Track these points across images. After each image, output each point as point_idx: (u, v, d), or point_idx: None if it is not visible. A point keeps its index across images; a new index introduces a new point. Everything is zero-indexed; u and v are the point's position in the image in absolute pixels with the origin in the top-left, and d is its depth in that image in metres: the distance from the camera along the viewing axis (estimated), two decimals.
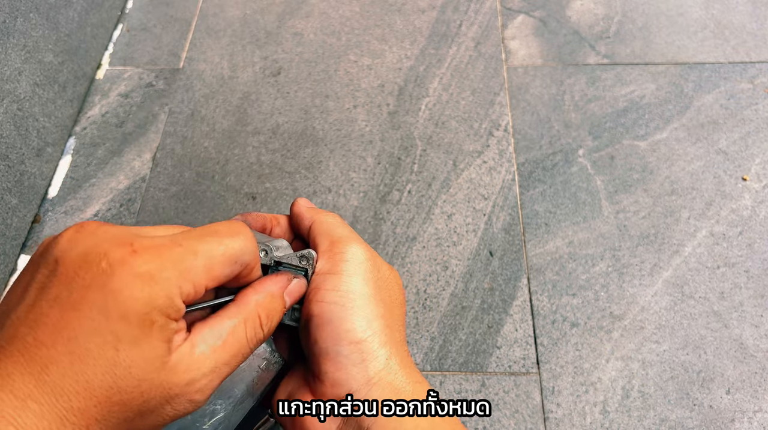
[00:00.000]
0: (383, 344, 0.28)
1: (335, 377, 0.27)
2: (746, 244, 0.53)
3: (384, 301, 0.29)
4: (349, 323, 0.27)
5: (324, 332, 0.27)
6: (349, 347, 0.27)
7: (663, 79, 0.64)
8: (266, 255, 0.30)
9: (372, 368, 0.27)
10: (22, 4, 0.54)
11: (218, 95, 0.65)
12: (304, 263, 0.30)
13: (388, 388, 0.27)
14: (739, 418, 0.45)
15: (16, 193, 0.53)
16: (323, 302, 0.27)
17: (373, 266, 0.30)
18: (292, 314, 0.31)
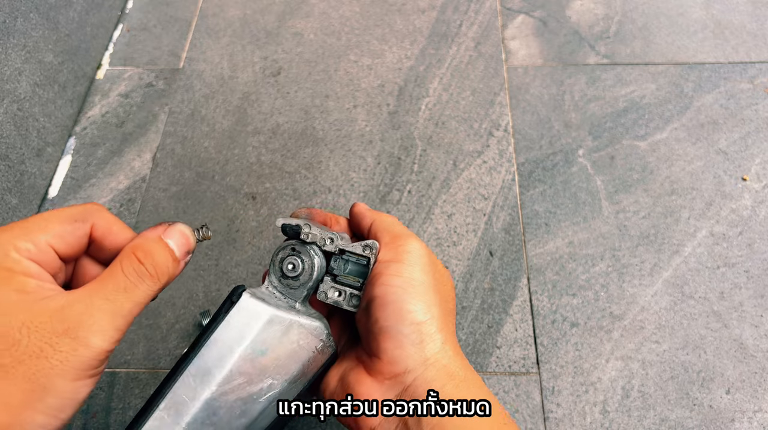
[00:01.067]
0: (440, 330, 0.29)
1: (394, 354, 0.28)
2: (746, 244, 0.53)
3: (440, 293, 0.31)
4: (410, 304, 0.29)
5: (386, 312, 0.28)
6: (409, 327, 0.28)
7: (663, 79, 0.64)
8: (332, 243, 0.33)
9: (429, 350, 0.28)
10: (22, 4, 0.54)
11: (218, 95, 0.65)
12: (367, 252, 0.33)
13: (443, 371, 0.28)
14: (739, 418, 0.45)
15: (16, 193, 0.53)
16: (387, 285, 0.29)
17: (430, 261, 0.32)
18: (350, 301, 0.33)
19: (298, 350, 0.31)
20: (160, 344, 0.49)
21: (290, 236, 0.33)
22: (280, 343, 0.30)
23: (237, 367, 0.29)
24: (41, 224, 0.25)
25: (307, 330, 0.31)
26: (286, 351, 0.30)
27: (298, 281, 0.32)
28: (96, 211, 0.27)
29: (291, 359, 0.30)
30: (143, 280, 0.26)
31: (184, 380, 0.29)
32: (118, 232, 0.27)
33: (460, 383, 0.28)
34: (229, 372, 0.29)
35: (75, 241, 0.26)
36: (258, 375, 0.29)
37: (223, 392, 0.29)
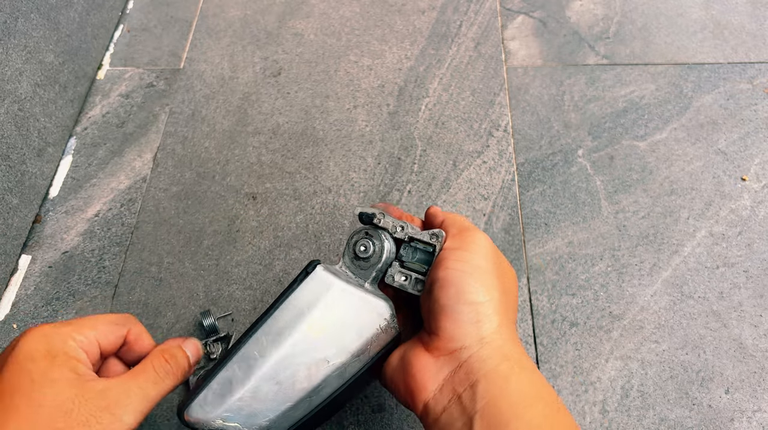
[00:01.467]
0: (497, 313, 0.31)
1: (452, 331, 0.30)
2: (745, 244, 0.53)
3: (501, 282, 0.32)
4: (469, 286, 0.30)
5: (446, 292, 0.30)
6: (467, 307, 0.30)
7: (662, 79, 0.64)
8: (402, 230, 0.36)
9: (485, 329, 0.30)
10: (23, 5, 0.55)
11: (219, 96, 0.65)
12: (433, 240, 0.35)
13: (498, 351, 0.29)
14: (738, 417, 0.45)
15: (17, 193, 0.53)
16: (449, 269, 0.31)
17: (494, 253, 0.34)
18: (415, 285, 0.35)
19: (362, 325, 0.33)
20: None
21: (365, 223, 0.36)
22: (346, 315, 0.32)
23: (305, 332, 0.32)
24: (92, 323, 0.31)
25: (373, 307, 0.33)
26: (351, 324, 0.32)
27: (368, 263, 0.35)
28: (132, 321, 0.34)
29: (355, 332, 0.32)
30: (168, 376, 0.32)
31: (257, 338, 0.32)
32: (145, 339, 0.34)
33: (515, 365, 0.29)
34: (297, 335, 0.32)
35: (114, 340, 0.32)
36: (323, 343, 0.32)
37: (290, 353, 0.31)
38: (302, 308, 0.32)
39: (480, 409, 0.27)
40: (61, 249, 0.55)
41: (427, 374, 0.30)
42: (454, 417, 0.28)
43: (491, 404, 0.27)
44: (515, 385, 0.28)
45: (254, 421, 0.31)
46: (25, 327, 0.51)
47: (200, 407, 0.32)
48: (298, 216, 0.56)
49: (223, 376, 0.32)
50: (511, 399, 0.27)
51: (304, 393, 0.31)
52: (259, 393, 0.31)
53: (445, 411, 0.29)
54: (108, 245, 0.55)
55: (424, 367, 0.30)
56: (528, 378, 0.29)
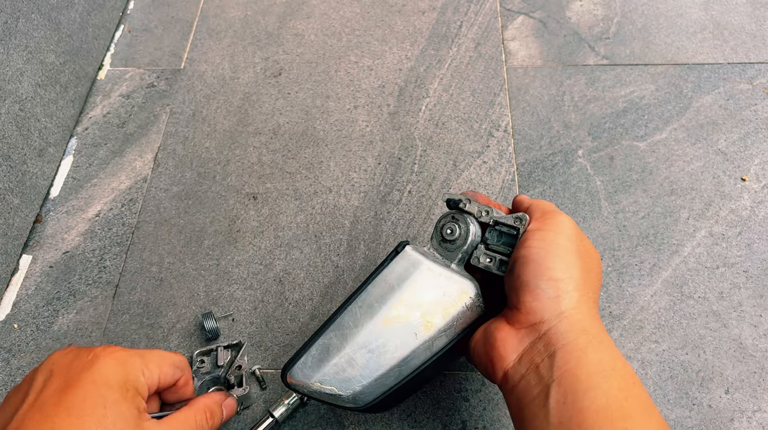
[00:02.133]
0: (577, 289, 0.32)
1: (532, 306, 0.31)
2: (745, 244, 0.53)
3: (583, 261, 0.33)
4: (550, 262, 0.32)
5: (527, 268, 0.32)
6: (547, 283, 0.31)
7: (662, 79, 0.64)
8: (487, 214, 0.37)
9: (564, 304, 0.31)
10: (24, 5, 0.55)
11: (219, 96, 0.65)
12: (517, 223, 0.36)
13: (577, 325, 0.30)
14: (738, 417, 0.45)
15: (18, 193, 0.53)
16: (530, 247, 0.33)
17: (578, 235, 0.34)
18: (500, 267, 0.36)
19: (448, 302, 0.34)
20: (161, 344, 0.49)
21: (452, 208, 0.38)
22: (433, 292, 0.34)
23: (395, 305, 0.34)
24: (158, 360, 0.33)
25: (459, 286, 0.35)
26: (438, 300, 0.34)
27: (454, 244, 0.37)
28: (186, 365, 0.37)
29: (441, 307, 0.34)
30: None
31: (351, 309, 0.35)
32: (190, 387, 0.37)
33: (593, 339, 0.30)
34: (388, 307, 0.34)
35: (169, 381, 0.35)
36: (414, 310, 0.34)
37: (381, 323, 0.33)
38: (393, 283, 0.35)
39: (557, 378, 0.28)
40: (62, 249, 0.55)
41: (508, 345, 0.31)
42: (531, 385, 0.29)
43: (569, 373, 0.28)
44: (592, 357, 0.29)
45: (349, 385, 0.34)
46: (26, 327, 0.51)
47: (300, 370, 0.35)
48: (298, 216, 0.56)
49: (321, 343, 0.35)
50: (589, 369, 0.28)
51: (394, 362, 0.33)
52: (354, 360, 0.34)
53: (522, 379, 0.30)
54: (109, 245, 0.55)
55: (505, 338, 0.31)
56: (606, 351, 0.30)
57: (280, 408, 0.44)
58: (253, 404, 0.46)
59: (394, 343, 0.34)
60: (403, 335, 0.34)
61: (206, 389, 0.45)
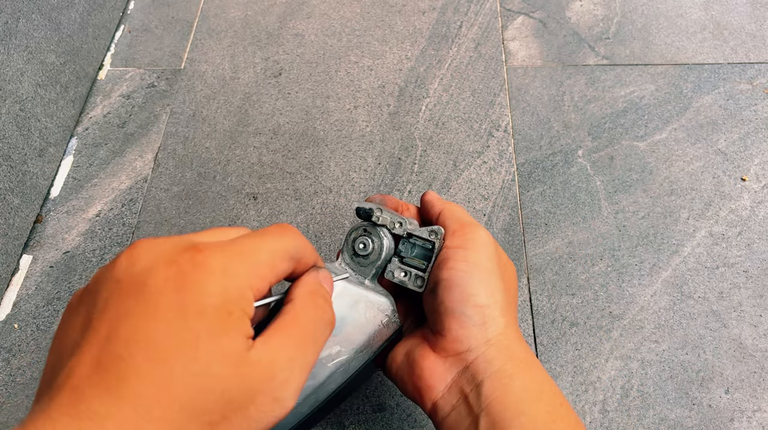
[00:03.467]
0: (503, 314, 0.31)
1: (458, 334, 0.30)
2: (745, 244, 0.53)
3: (504, 281, 0.32)
4: (474, 288, 0.30)
5: (452, 294, 0.30)
6: (473, 309, 0.30)
7: (662, 79, 0.64)
8: (401, 226, 0.36)
9: (491, 331, 0.30)
10: (24, 6, 0.55)
11: (219, 96, 0.65)
12: (432, 236, 0.35)
13: (504, 352, 0.30)
14: (738, 417, 0.45)
15: (18, 193, 0.53)
16: (453, 269, 0.31)
17: (495, 250, 0.33)
18: (415, 281, 0.35)
19: (364, 322, 0.33)
20: None
21: (363, 218, 0.36)
22: (348, 313, 0.32)
23: None
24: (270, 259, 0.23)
25: (374, 304, 0.34)
26: (354, 322, 0.33)
27: (368, 260, 0.35)
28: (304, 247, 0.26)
29: (358, 329, 0.33)
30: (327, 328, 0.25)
31: None
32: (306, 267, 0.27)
33: (520, 363, 0.29)
34: None
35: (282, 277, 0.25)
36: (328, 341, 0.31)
37: None
38: None
39: (485, 407, 0.28)
40: (63, 249, 0.55)
41: (435, 375, 0.30)
42: (462, 416, 0.29)
43: (496, 402, 0.28)
44: (519, 383, 0.28)
45: None
46: (26, 327, 0.51)
47: None
48: (298, 216, 0.56)
49: None
50: (516, 396, 0.28)
51: (310, 390, 0.31)
52: None
53: (453, 410, 0.29)
54: (109, 245, 0.55)
55: (431, 367, 0.30)
56: (533, 376, 0.29)
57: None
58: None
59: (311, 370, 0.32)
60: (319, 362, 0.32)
61: None
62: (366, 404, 0.46)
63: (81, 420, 0.17)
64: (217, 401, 0.19)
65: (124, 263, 0.20)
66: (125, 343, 0.18)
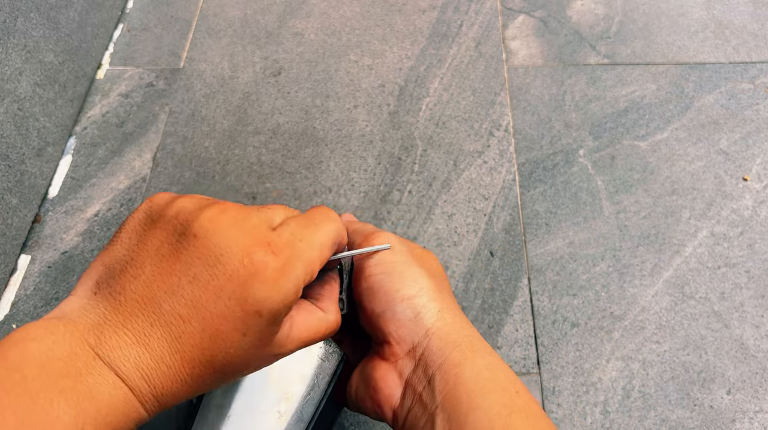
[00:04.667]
0: (433, 300, 0.30)
1: (399, 334, 0.29)
2: (747, 244, 0.53)
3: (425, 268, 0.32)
4: (397, 284, 0.30)
5: (376, 298, 0.30)
6: (402, 304, 0.29)
7: (664, 79, 0.64)
8: None
9: (427, 320, 0.29)
10: (22, 4, 0.54)
11: (219, 95, 0.65)
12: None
13: (446, 338, 0.29)
14: (740, 418, 0.45)
15: (16, 193, 0.53)
16: (370, 277, 0.31)
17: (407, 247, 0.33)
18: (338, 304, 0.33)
19: (300, 364, 0.31)
20: None
21: None
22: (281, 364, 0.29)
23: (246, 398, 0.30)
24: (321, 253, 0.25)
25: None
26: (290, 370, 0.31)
27: None
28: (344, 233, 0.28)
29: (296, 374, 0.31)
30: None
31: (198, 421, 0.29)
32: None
33: (465, 350, 0.28)
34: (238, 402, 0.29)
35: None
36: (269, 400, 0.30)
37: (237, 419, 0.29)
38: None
39: (440, 403, 0.27)
40: (61, 249, 0.55)
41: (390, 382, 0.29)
42: (418, 417, 0.28)
43: (449, 396, 0.27)
44: (469, 372, 0.27)
45: None
46: None
47: None
48: None
49: None
50: (468, 388, 0.27)
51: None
52: None
53: (409, 412, 0.28)
54: None
55: (384, 376, 0.29)
56: (482, 361, 0.28)
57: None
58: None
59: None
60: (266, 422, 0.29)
61: None
62: None
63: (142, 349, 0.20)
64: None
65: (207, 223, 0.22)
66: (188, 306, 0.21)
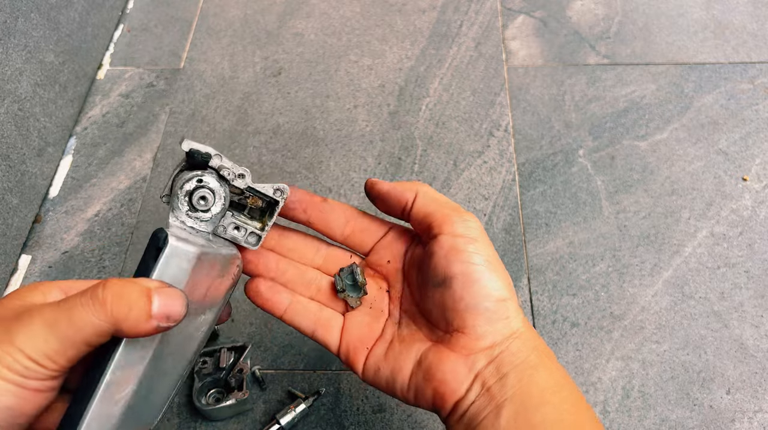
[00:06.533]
0: (518, 306, 0.31)
1: (484, 330, 0.29)
2: (746, 244, 0.53)
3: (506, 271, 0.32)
4: (493, 282, 0.30)
5: (472, 289, 0.29)
6: (496, 304, 0.29)
7: (663, 79, 0.64)
8: (242, 179, 0.31)
9: (514, 325, 0.30)
10: (23, 5, 0.54)
11: (219, 95, 0.65)
12: (277, 195, 0.32)
13: (528, 343, 0.30)
14: (739, 418, 0.45)
15: (17, 193, 0.53)
16: (469, 263, 0.30)
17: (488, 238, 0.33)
18: (248, 239, 0.33)
19: (223, 279, 0.31)
20: None
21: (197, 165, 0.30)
22: (209, 277, 0.29)
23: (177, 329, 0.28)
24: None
25: (228, 258, 0.31)
26: (216, 284, 0.30)
27: (209, 213, 0.30)
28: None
29: (219, 290, 0.30)
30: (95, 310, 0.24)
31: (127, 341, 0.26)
32: None
33: (542, 354, 0.29)
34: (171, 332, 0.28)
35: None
36: (194, 313, 0.29)
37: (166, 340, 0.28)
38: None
39: (510, 396, 0.27)
40: (61, 249, 0.55)
41: (459, 376, 0.29)
42: (482, 407, 0.28)
43: (521, 391, 0.28)
44: (543, 373, 0.28)
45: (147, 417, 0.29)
46: None
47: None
48: None
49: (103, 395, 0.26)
50: (540, 385, 0.28)
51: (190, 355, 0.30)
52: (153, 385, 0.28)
53: (473, 404, 0.28)
54: (108, 245, 0.55)
55: (454, 369, 0.29)
56: (555, 366, 0.29)
57: (288, 416, 0.44)
58: (252, 408, 0.46)
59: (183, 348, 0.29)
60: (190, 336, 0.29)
61: (206, 391, 0.45)
62: (366, 404, 0.46)
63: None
64: None
65: None
66: None
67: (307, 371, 0.47)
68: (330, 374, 0.47)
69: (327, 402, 0.46)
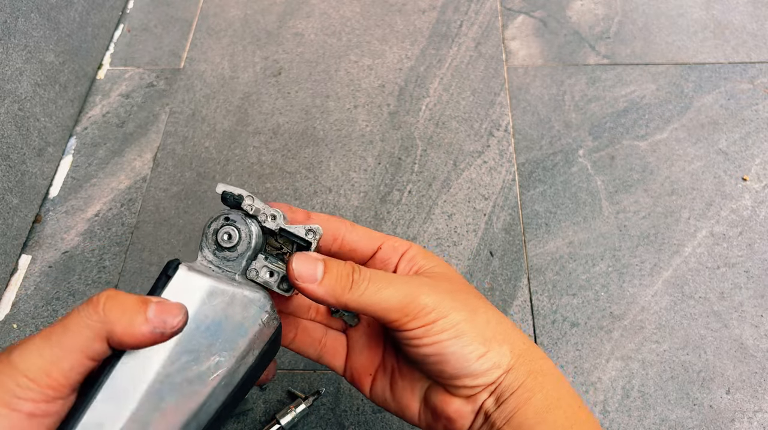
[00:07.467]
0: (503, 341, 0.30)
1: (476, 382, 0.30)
2: (746, 244, 0.53)
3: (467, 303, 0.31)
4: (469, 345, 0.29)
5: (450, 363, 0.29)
6: (478, 362, 0.29)
7: (663, 79, 0.64)
8: (273, 220, 0.31)
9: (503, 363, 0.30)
10: (23, 5, 0.54)
11: (219, 95, 0.65)
12: (309, 236, 0.31)
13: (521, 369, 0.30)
14: (739, 418, 0.45)
15: (17, 193, 0.53)
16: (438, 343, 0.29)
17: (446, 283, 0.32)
18: (281, 284, 0.31)
19: (243, 323, 0.29)
20: None
21: (231, 206, 0.30)
22: (224, 316, 0.28)
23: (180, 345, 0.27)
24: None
25: (251, 301, 0.29)
26: (231, 325, 0.29)
27: (235, 252, 0.30)
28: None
29: (237, 333, 0.29)
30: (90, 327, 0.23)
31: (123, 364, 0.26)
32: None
33: (538, 376, 0.30)
34: (171, 351, 0.27)
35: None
36: (205, 352, 0.28)
37: (167, 374, 0.26)
38: None
39: (508, 420, 0.29)
40: (61, 249, 0.55)
41: (464, 414, 0.31)
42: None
43: (518, 413, 0.29)
44: (539, 394, 0.29)
45: None
46: (25, 327, 0.51)
47: None
48: None
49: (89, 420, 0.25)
50: (536, 407, 0.29)
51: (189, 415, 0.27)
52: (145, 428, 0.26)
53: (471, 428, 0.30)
54: (108, 245, 0.55)
55: (459, 409, 0.30)
56: (550, 383, 0.30)
57: (288, 416, 0.43)
58: (252, 408, 0.46)
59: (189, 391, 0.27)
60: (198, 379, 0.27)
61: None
62: (366, 404, 0.46)
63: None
64: None
65: None
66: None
67: (307, 371, 0.47)
68: (330, 374, 0.47)
69: (327, 402, 0.46)
